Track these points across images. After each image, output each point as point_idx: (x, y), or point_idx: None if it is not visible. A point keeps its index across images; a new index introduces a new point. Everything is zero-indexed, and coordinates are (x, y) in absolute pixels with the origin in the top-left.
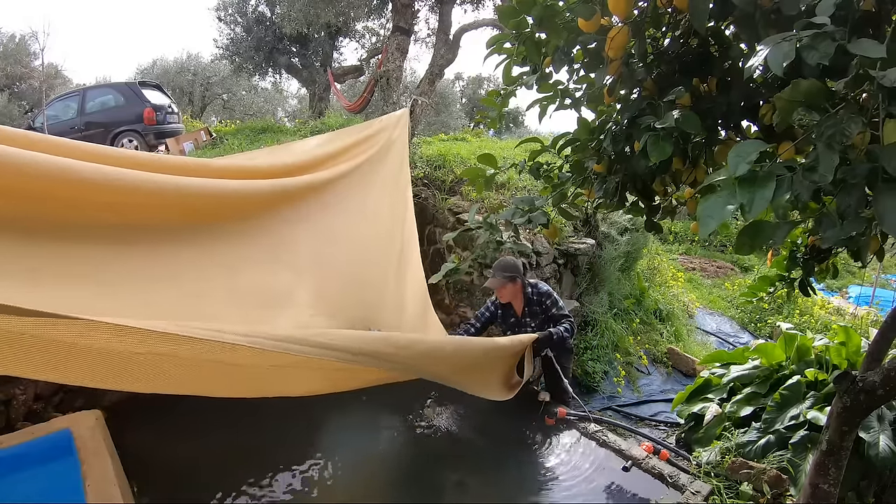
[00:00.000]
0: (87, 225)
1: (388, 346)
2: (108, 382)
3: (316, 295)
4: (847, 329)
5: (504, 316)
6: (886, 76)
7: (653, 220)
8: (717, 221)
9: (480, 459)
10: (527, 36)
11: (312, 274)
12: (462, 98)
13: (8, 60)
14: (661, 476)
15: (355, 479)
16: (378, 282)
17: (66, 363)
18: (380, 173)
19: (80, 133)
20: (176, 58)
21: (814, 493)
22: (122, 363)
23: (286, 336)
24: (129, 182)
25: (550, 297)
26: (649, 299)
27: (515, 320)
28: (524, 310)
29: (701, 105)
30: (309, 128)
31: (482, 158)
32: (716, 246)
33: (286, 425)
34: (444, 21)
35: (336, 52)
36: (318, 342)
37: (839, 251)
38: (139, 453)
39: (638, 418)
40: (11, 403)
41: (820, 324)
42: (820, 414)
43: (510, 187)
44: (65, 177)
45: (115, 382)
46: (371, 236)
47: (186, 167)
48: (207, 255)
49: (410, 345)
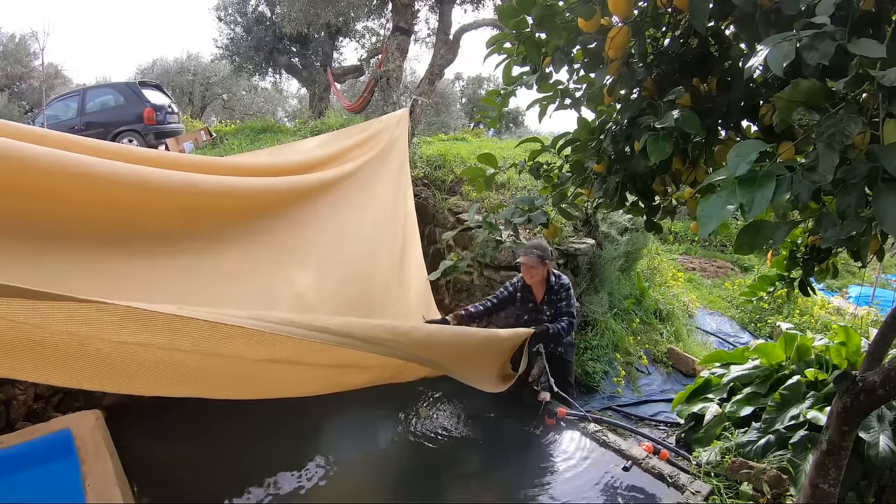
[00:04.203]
0: (89, 226)
1: (385, 332)
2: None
3: (322, 295)
4: (847, 329)
5: (523, 299)
6: (886, 76)
7: (653, 220)
8: (717, 221)
9: (480, 459)
10: (527, 36)
11: (319, 273)
12: (462, 98)
13: (8, 60)
14: (661, 476)
15: (355, 479)
16: (382, 280)
17: (67, 365)
18: (382, 172)
19: (79, 133)
20: (176, 58)
21: (814, 492)
22: (125, 364)
23: (287, 319)
24: (142, 179)
25: (568, 291)
26: (649, 299)
27: (534, 305)
28: (544, 297)
29: (701, 105)
30: (309, 128)
31: (482, 158)
32: (716, 246)
33: (286, 426)
34: (444, 21)
35: (336, 52)
36: (318, 326)
37: (839, 251)
38: (139, 453)
39: (638, 418)
40: (11, 403)
41: (820, 324)
42: (820, 414)
43: (510, 187)
44: (66, 171)
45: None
46: (375, 235)
47: (193, 164)
48: (214, 256)
49: (408, 332)
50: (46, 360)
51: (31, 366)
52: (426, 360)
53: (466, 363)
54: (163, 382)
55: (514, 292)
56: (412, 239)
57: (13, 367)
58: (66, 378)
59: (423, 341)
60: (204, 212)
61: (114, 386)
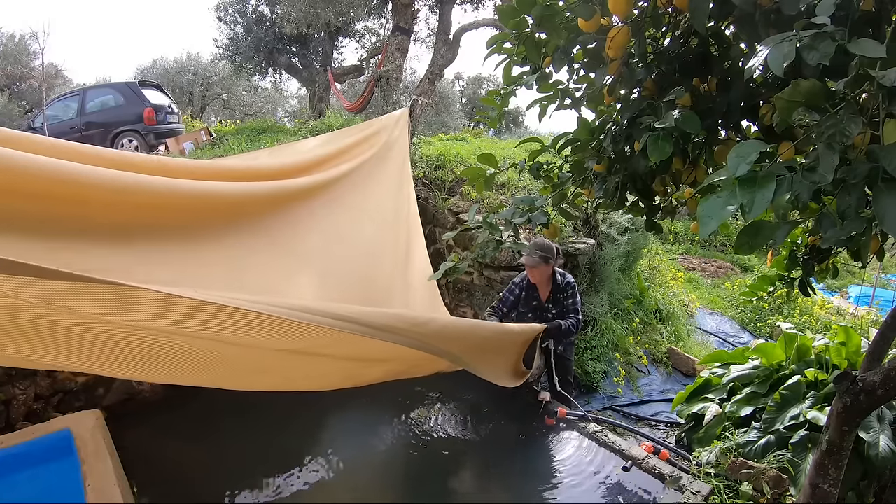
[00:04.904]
0: (91, 225)
1: (402, 321)
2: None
3: (319, 295)
4: (847, 329)
5: (527, 298)
6: (886, 76)
7: (653, 220)
8: (717, 221)
9: (480, 459)
10: (527, 36)
11: (321, 274)
12: (462, 98)
13: (8, 60)
14: (661, 476)
15: (355, 479)
16: (384, 280)
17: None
18: (383, 172)
19: (79, 133)
20: (176, 58)
21: (814, 493)
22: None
23: (304, 307)
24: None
25: (574, 289)
26: (649, 299)
27: (538, 304)
28: (549, 296)
29: (701, 105)
30: (309, 128)
31: (482, 158)
32: (716, 246)
33: (286, 426)
34: (444, 21)
35: (336, 52)
36: (337, 314)
37: (839, 251)
38: (139, 453)
39: (638, 418)
40: (11, 403)
41: (820, 324)
42: (820, 414)
43: (510, 187)
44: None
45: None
46: (375, 235)
47: (188, 169)
48: (211, 260)
49: (425, 322)
50: (63, 345)
51: (45, 350)
52: (441, 351)
53: (482, 356)
54: (180, 371)
55: (520, 293)
56: (416, 239)
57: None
58: (82, 362)
59: (438, 332)
60: (201, 212)
61: (129, 372)
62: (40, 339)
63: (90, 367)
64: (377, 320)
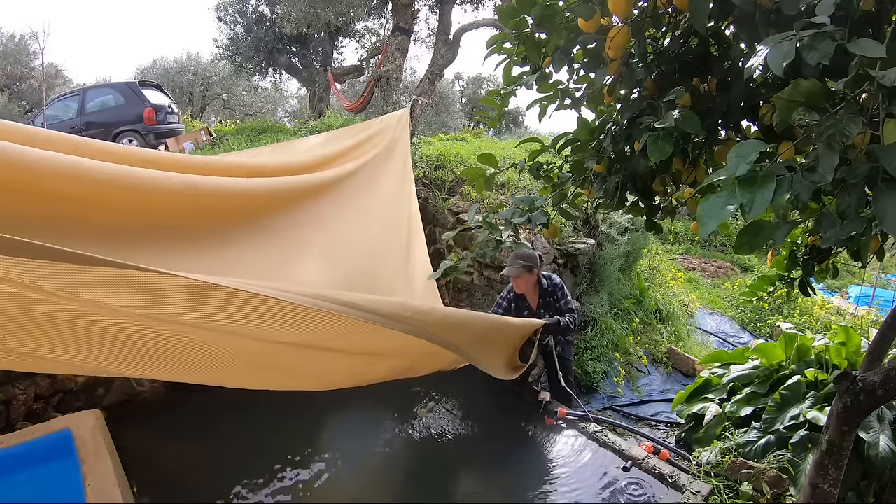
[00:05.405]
0: (92, 225)
1: (406, 310)
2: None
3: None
4: (847, 329)
5: (518, 308)
6: (886, 76)
7: (653, 220)
8: (717, 221)
9: (480, 459)
10: (527, 36)
11: (327, 271)
12: (462, 98)
13: (8, 60)
14: (661, 476)
15: (355, 479)
16: (387, 278)
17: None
18: (386, 172)
19: (79, 133)
20: (176, 58)
21: (814, 493)
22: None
23: (314, 293)
24: (140, 181)
25: (562, 290)
26: (649, 299)
27: (529, 312)
28: (539, 301)
29: (701, 105)
30: (309, 128)
31: (482, 158)
32: (716, 246)
33: (286, 426)
34: (444, 21)
35: (336, 52)
36: (345, 301)
37: (839, 251)
38: (139, 453)
39: (638, 418)
40: (11, 403)
41: (820, 324)
42: (820, 414)
43: (510, 187)
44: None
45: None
46: (379, 234)
47: (196, 165)
48: (215, 260)
49: (428, 311)
50: (76, 341)
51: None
52: (443, 340)
53: (481, 347)
54: (192, 368)
55: (508, 305)
56: (417, 238)
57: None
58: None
59: (441, 321)
60: (203, 211)
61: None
62: (53, 334)
63: (100, 365)
64: (382, 307)
